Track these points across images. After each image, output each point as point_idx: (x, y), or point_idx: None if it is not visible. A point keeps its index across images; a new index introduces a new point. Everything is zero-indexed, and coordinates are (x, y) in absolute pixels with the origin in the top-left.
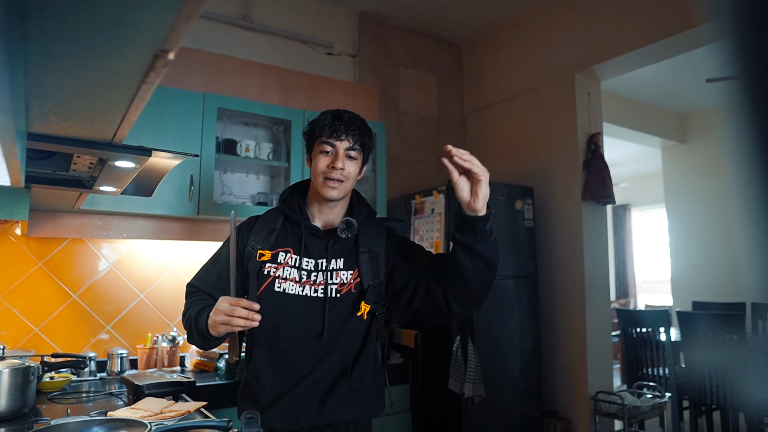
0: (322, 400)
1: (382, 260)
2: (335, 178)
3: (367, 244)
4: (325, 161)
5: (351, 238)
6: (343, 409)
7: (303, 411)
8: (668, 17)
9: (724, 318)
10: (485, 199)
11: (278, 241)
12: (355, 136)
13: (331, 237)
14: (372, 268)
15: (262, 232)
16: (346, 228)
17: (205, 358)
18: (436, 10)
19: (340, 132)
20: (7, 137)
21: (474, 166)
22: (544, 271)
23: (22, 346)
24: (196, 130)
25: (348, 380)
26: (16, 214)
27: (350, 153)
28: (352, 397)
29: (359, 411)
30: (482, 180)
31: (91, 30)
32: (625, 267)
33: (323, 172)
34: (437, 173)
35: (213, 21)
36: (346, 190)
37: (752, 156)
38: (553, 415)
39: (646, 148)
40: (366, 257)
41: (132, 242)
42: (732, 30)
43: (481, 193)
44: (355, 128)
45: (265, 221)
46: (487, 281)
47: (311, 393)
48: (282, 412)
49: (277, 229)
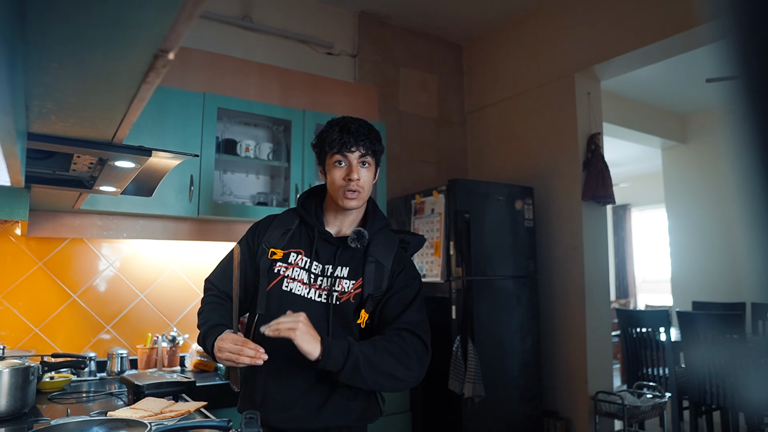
0: (318, 408)
1: (387, 273)
2: (353, 189)
3: (376, 255)
4: (340, 174)
5: (361, 248)
6: (338, 417)
7: (298, 414)
8: (668, 17)
9: (724, 318)
10: (309, 349)
11: (291, 242)
12: (366, 145)
13: (342, 244)
14: (376, 278)
15: (277, 231)
16: (356, 239)
17: (205, 359)
18: (436, 10)
19: (350, 144)
20: (7, 137)
21: (280, 330)
22: (544, 271)
23: (22, 346)
24: (196, 130)
25: (344, 390)
26: (16, 214)
27: (363, 161)
28: (348, 406)
29: (353, 419)
30: (292, 337)
31: (91, 30)
32: (625, 267)
33: (341, 186)
34: (437, 173)
35: (213, 21)
36: (364, 199)
37: (752, 156)
38: (553, 415)
39: (646, 148)
40: (372, 267)
41: (132, 242)
42: (732, 30)
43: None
44: (364, 137)
45: (282, 221)
46: (392, 388)
47: (308, 398)
48: (278, 411)
49: (292, 230)
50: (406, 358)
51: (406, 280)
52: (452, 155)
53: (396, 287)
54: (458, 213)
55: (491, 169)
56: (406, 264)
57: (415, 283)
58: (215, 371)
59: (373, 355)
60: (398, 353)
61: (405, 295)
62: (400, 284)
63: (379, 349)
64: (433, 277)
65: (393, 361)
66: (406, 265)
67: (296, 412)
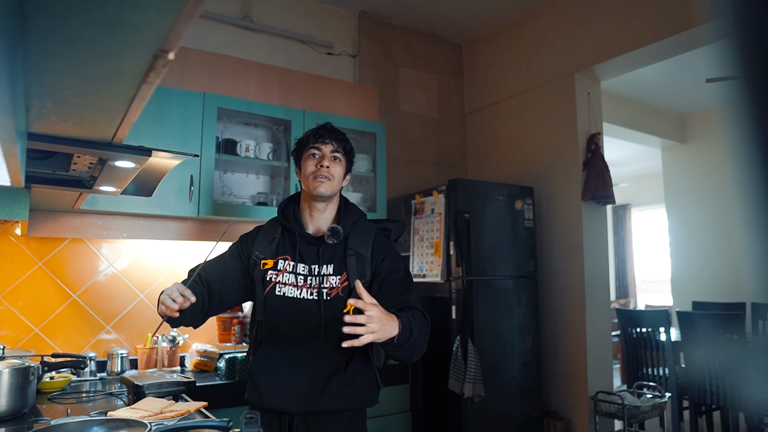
0: (319, 393)
1: (367, 262)
2: (323, 174)
3: (355, 247)
4: (312, 163)
5: (339, 243)
6: (337, 401)
7: (301, 398)
8: (668, 17)
9: (724, 318)
10: (392, 335)
11: (278, 250)
12: (339, 141)
13: (322, 243)
14: (359, 269)
15: (264, 241)
16: (332, 235)
17: (205, 358)
18: (436, 10)
19: (325, 137)
20: (7, 137)
21: (362, 342)
22: (544, 271)
23: (22, 346)
24: (196, 130)
25: (342, 377)
26: (16, 214)
27: (335, 155)
28: (346, 391)
29: (352, 402)
30: (376, 339)
31: (91, 30)
32: (625, 267)
33: (312, 172)
34: (437, 173)
35: (213, 21)
36: (333, 189)
37: (752, 156)
38: (553, 415)
39: (646, 148)
40: (353, 259)
41: (132, 242)
42: (732, 30)
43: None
44: (338, 135)
45: (267, 232)
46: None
47: (309, 385)
48: (281, 396)
49: (277, 239)
50: (423, 331)
51: (391, 264)
52: (452, 155)
53: (384, 273)
54: (458, 213)
55: (491, 169)
56: (387, 251)
57: (400, 264)
58: (215, 371)
59: (416, 327)
60: (422, 326)
61: (395, 279)
62: (387, 269)
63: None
64: (433, 277)
65: (420, 334)
66: (387, 252)
67: (299, 395)
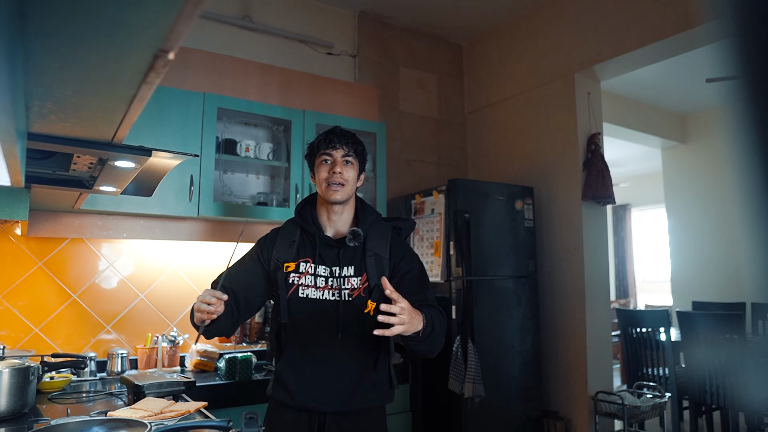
0: (351, 391)
1: (386, 262)
2: (336, 181)
3: (374, 248)
4: (325, 169)
5: (359, 244)
6: (369, 399)
7: (335, 397)
8: (668, 17)
9: (724, 318)
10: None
11: (299, 252)
12: (349, 145)
13: (342, 245)
14: (378, 270)
15: (284, 244)
16: (353, 238)
17: (205, 358)
18: (436, 10)
19: (335, 142)
20: (7, 137)
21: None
22: (544, 271)
23: (22, 346)
24: (196, 130)
25: (371, 375)
26: (16, 214)
27: (347, 159)
28: (375, 389)
29: (379, 398)
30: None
31: (91, 30)
32: (625, 267)
33: (325, 178)
34: (437, 173)
35: (213, 21)
36: (347, 194)
37: (752, 156)
38: (553, 415)
39: (646, 148)
40: (372, 260)
41: (132, 242)
42: (732, 30)
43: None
44: (348, 138)
45: (285, 234)
46: (428, 352)
47: (339, 384)
48: (314, 395)
49: (297, 241)
50: (443, 327)
51: (408, 264)
52: (452, 155)
53: (401, 272)
54: (458, 213)
55: (491, 169)
56: (404, 251)
57: (416, 264)
58: (215, 371)
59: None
60: (442, 322)
61: (412, 278)
62: (404, 269)
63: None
64: (433, 277)
65: (441, 329)
66: (404, 253)
67: (333, 394)
